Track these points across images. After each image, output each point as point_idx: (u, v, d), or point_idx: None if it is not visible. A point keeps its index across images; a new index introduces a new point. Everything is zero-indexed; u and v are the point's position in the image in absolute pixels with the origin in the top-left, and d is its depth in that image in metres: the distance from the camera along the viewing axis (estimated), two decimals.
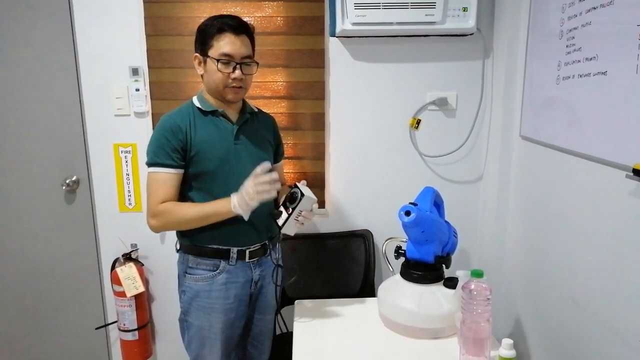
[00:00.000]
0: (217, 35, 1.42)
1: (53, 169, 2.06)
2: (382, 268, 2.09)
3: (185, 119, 1.46)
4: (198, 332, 1.53)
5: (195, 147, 1.45)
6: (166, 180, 1.44)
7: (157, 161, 1.43)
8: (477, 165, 2.03)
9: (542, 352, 1.53)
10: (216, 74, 1.43)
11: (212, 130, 1.48)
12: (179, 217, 1.44)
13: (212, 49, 1.42)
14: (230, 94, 1.47)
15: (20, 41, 1.95)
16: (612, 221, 1.15)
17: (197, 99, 1.52)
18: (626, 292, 1.10)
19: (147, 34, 1.91)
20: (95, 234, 2.11)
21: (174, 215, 1.44)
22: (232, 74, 1.43)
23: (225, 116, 1.51)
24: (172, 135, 1.42)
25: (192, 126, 1.46)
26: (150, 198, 1.46)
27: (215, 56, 1.42)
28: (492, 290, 1.22)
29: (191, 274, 1.51)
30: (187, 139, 1.44)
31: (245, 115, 1.55)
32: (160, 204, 1.43)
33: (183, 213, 1.44)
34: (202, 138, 1.46)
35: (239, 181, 1.46)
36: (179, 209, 1.44)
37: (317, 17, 1.91)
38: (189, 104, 1.52)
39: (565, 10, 1.36)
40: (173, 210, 1.43)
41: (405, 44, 1.93)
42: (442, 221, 1.51)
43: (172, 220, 1.45)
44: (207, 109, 1.49)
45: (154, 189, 1.45)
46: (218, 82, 1.44)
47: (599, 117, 1.18)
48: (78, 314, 2.18)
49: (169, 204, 1.44)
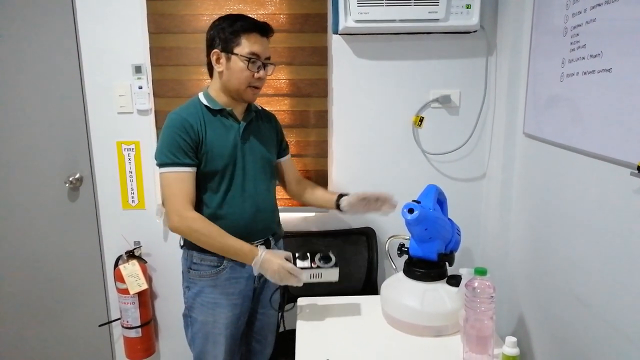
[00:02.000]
0: (246, 34, 1.42)
1: (56, 167, 2.07)
2: (385, 266, 2.09)
3: (196, 117, 1.44)
4: (202, 328, 1.54)
5: (206, 146, 1.44)
6: (185, 179, 1.42)
7: (174, 160, 1.41)
8: (480, 162, 2.03)
9: (545, 350, 1.53)
10: (243, 72, 1.43)
11: (220, 129, 1.48)
12: (204, 239, 1.43)
13: (239, 47, 1.42)
14: (251, 94, 1.47)
15: (23, 39, 1.95)
16: (616, 219, 1.14)
17: (204, 97, 1.50)
18: (630, 290, 1.09)
19: (150, 31, 1.91)
20: (98, 232, 2.12)
21: (201, 235, 1.42)
22: (257, 73, 1.44)
23: (232, 115, 1.50)
24: (185, 133, 1.41)
25: (203, 125, 1.45)
26: (173, 198, 1.42)
27: (244, 54, 1.41)
28: (495, 288, 1.22)
29: (195, 269, 1.52)
30: (200, 138, 1.43)
31: (250, 113, 1.56)
32: (190, 209, 1.41)
33: (211, 238, 1.42)
34: (211, 137, 1.45)
35: (244, 180, 1.49)
36: (207, 232, 1.42)
37: (320, 15, 1.91)
38: (195, 101, 1.50)
39: (569, 7, 1.35)
40: (202, 230, 1.42)
41: (408, 42, 1.92)
42: (446, 219, 1.50)
43: (198, 238, 1.43)
44: (215, 108, 1.48)
45: (177, 189, 1.42)
46: (243, 80, 1.44)
47: (603, 115, 1.17)
48: (81, 311, 2.19)
49: (202, 222, 1.42)
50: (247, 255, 1.42)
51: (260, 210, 1.54)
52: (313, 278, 1.42)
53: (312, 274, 1.41)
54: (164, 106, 1.96)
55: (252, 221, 1.51)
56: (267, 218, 1.57)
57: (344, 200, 1.61)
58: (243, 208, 1.50)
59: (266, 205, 1.57)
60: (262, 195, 1.55)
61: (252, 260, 1.40)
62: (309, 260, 1.43)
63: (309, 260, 1.43)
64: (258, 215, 1.53)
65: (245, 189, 1.51)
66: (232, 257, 1.45)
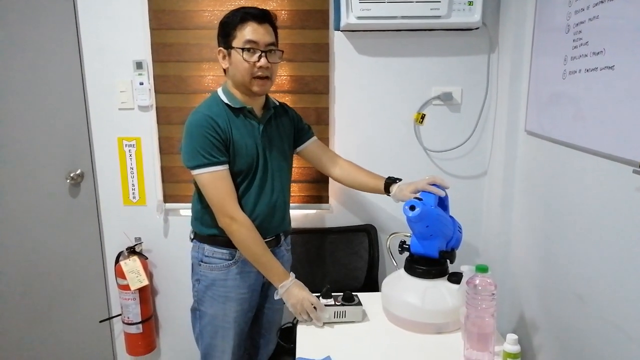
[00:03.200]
0: (240, 25, 1.39)
1: (57, 163, 2.07)
2: (386, 263, 2.09)
3: (221, 117, 1.42)
4: (212, 321, 1.54)
5: (233, 146, 1.43)
6: (226, 176, 1.41)
7: (212, 160, 1.39)
8: (482, 160, 2.02)
9: (546, 348, 1.53)
10: (242, 64, 1.40)
11: (243, 129, 1.46)
12: (244, 246, 1.44)
13: (235, 40, 1.40)
14: (257, 85, 1.43)
15: (24, 35, 1.95)
16: (618, 217, 1.14)
17: (223, 94, 1.47)
18: (631, 288, 1.09)
19: (151, 27, 1.90)
20: (99, 228, 2.12)
21: (245, 242, 1.43)
22: (258, 62, 1.40)
23: (252, 113, 1.48)
24: (214, 131, 1.39)
25: (229, 124, 1.43)
26: (220, 199, 1.41)
27: (240, 45, 1.39)
28: (496, 286, 1.22)
29: (207, 262, 1.52)
30: (228, 137, 1.42)
31: (269, 110, 1.54)
32: (238, 209, 1.41)
33: (252, 248, 1.44)
34: (237, 138, 1.44)
35: (263, 179, 1.49)
36: (252, 242, 1.43)
37: (322, 11, 1.90)
38: (216, 99, 1.47)
39: (572, 4, 1.35)
40: (247, 241, 1.43)
41: (410, 38, 1.92)
42: (447, 216, 1.50)
43: (241, 241, 1.44)
44: (237, 106, 1.45)
45: (222, 189, 1.41)
46: (244, 72, 1.41)
47: (606, 112, 1.17)
48: (82, 306, 2.19)
49: (248, 230, 1.42)
50: (279, 277, 1.43)
51: (275, 208, 1.54)
52: (337, 317, 1.42)
53: (336, 312, 1.42)
54: (165, 102, 1.96)
55: (266, 219, 1.51)
56: (281, 216, 1.57)
57: (395, 188, 1.55)
58: (260, 206, 1.49)
59: (282, 203, 1.57)
60: (279, 194, 1.55)
61: (280, 283, 1.42)
62: (332, 299, 1.44)
63: (332, 299, 1.44)
64: (273, 212, 1.53)
65: (264, 188, 1.50)
66: (262, 272, 1.47)
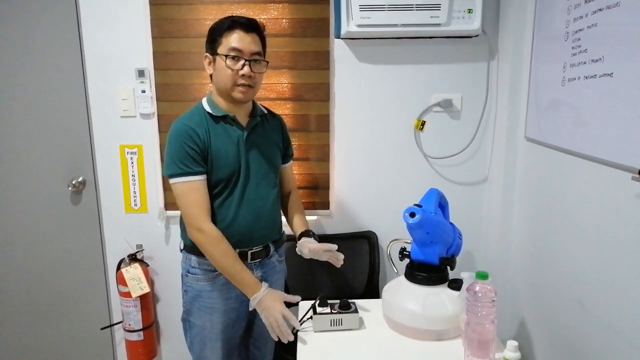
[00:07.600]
0: (226, 32, 1.40)
1: (59, 170, 2.08)
2: (387, 269, 2.09)
3: (200, 126, 1.42)
4: (200, 333, 1.54)
5: (211, 155, 1.43)
6: (199, 187, 1.41)
7: (186, 170, 1.39)
8: (482, 166, 2.03)
9: (547, 354, 1.53)
10: (225, 70, 1.40)
11: (224, 137, 1.45)
12: (213, 258, 1.42)
13: (221, 46, 1.40)
14: (239, 92, 1.42)
15: (27, 43, 1.97)
16: (618, 223, 1.14)
17: (207, 103, 1.48)
18: (632, 295, 1.09)
19: (153, 36, 1.92)
20: (100, 235, 2.12)
21: (212, 255, 1.42)
22: (241, 70, 1.40)
23: (235, 121, 1.48)
24: (192, 141, 1.39)
25: (208, 134, 1.43)
26: (189, 209, 1.41)
27: (224, 52, 1.39)
28: (497, 292, 1.21)
29: (193, 273, 1.51)
30: (206, 147, 1.42)
31: (255, 118, 1.53)
32: (207, 220, 1.40)
33: (220, 260, 1.42)
34: (216, 146, 1.43)
35: (245, 187, 1.47)
36: (218, 254, 1.41)
37: (322, 19, 1.92)
38: (199, 108, 1.48)
39: (570, 12, 1.36)
40: (215, 254, 1.41)
41: (410, 46, 1.93)
42: (447, 223, 1.50)
43: (210, 254, 1.42)
44: (218, 114, 1.45)
45: (192, 199, 1.40)
46: (227, 79, 1.41)
47: (605, 119, 1.18)
48: (83, 314, 2.19)
49: (216, 243, 1.40)
50: (251, 288, 1.40)
51: (260, 217, 1.51)
52: (333, 325, 1.41)
53: (332, 320, 1.41)
54: (167, 110, 1.97)
55: (250, 228, 1.49)
56: (267, 225, 1.55)
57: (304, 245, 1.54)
58: (242, 214, 1.48)
59: (267, 211, 1.54)
60: (263, 202, 1.53)
61: (252, 294, 1.39)
62: (328, 307, 1.43)
63: (328, 307, 1.43)
64: (257, 222, 1.51)
65: (246, 196, 1.49)
66: (234, 284, 1.44)
